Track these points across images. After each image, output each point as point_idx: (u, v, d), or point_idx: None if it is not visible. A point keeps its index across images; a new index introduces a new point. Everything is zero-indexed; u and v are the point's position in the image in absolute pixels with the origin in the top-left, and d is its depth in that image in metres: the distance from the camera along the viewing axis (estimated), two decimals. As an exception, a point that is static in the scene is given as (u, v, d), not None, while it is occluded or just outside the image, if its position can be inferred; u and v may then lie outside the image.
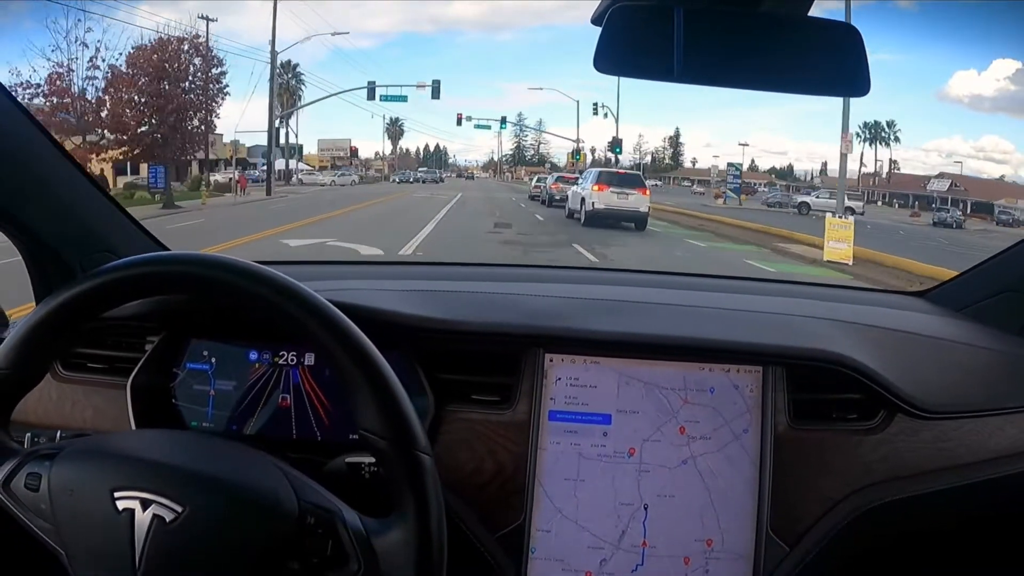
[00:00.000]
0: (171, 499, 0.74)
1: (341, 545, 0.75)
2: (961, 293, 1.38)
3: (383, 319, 1.09)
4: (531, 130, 46.97)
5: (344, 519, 0.76)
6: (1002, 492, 1.15)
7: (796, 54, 0.95)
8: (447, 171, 45.88)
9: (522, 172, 42.76)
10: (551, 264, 2.38)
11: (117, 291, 0.82)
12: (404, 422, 0.77)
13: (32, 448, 0.82)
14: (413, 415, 0.78)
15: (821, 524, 1.09)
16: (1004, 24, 20.01)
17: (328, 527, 0.76)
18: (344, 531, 0.76)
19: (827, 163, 39.25)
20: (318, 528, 0.75)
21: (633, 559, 1.08)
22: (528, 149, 44.61)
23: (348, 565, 0.75)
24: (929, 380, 1.14)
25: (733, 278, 1.61)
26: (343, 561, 0.75)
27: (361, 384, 0.78)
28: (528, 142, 44.52)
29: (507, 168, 43.92)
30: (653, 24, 0.92)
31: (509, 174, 43.34)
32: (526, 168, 43.08)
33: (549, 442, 1.09)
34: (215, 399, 1.14)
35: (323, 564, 0.75)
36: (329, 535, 0.76)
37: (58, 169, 1.12)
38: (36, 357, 0.83)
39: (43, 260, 1.15)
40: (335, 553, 0.75)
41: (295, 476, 0.79)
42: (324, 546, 0.75)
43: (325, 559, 0.75)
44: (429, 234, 11.63)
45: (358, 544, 0.76)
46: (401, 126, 42.93)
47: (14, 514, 0.79)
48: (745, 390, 1.10)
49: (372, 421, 0.77)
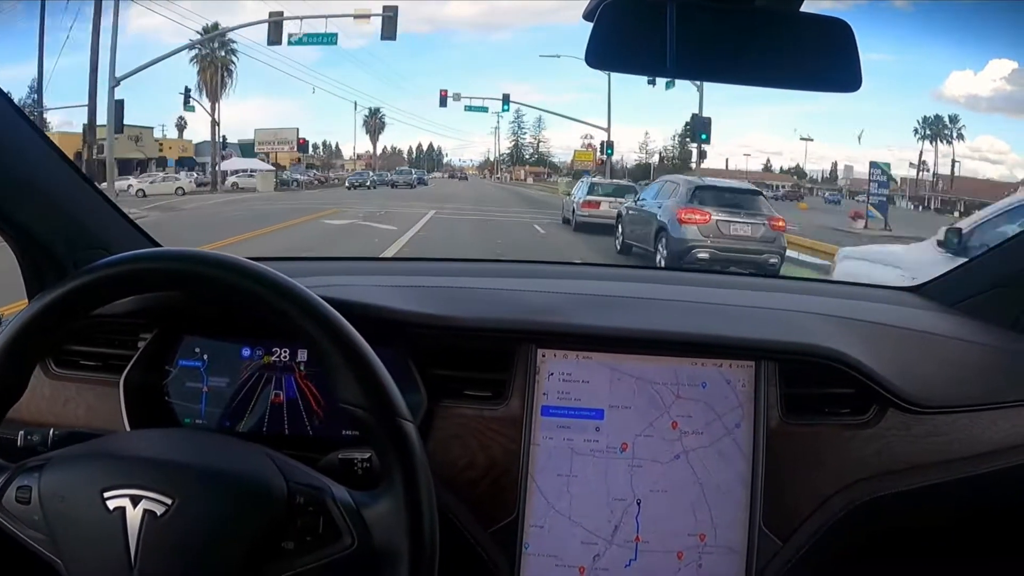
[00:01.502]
0: (160, 492, 0.74)
1: (333, 521, 0.77)
2: (954, 288, 1.38)
3: (375, 315, 1.09)
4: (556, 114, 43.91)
5: (333, 494, 0.78)
6: (995, 486, 1.16)
7: (788, 49, 0.95)
8: (441, 171, 41.11)
9: (521, 172, 38.72)
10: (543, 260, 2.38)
11: (110, 287, 0.82)
12: (383, 391, 0.78)
13: (20, 462, 0.82)
14: (392, 385, 0.79)
15: (814, 518, 1.10)
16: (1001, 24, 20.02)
17: (318, 504, 0.77)
18: (334, 506, 0.77)
19: (836, 163, 35.30)
20: (308, 506, 0.76)
21: (626, 554, 1.08)
22: (527, 148, 40.14)
23: (342, 539, 0.76)
24: (922, 375, 1.14)
25: (725, 274, 1.62)
26: (336, 536, 0.76)
27: (339, 360, 0.78)
28: (526, 140, 39.97)
29: (505, 168, 39.62)
30: (645, 19, 0.92)
31: (507, 174, 38.70)
32: (528, 168, 38.98)
33: (542, 437, 1.09)
34: (208, 396, 1.14)
35: (317, 542, 0.76)
36: (320, 512, 0.77)
37: (49, 165, 1.11)
38: (28, 354, 0.83)
39: (35, 257, 1.15)
40: (327, 530, 0.76)
41: (281, 459, 0.80)
42: (316, 523, 0.76)
43: (318, 536, 0.76)
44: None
45: (349, 518, 0.77)
46: (381, 118, 37.13)
47: (8, 529, 0.79)
48: (737, 385, 1.10)
49: (352, 393, 0.78)
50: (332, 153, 37.10)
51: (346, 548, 0.76)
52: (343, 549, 0.76)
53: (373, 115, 36.87)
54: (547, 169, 38.69)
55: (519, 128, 39.17)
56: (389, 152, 41.02)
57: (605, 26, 0.92)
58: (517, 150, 39.64)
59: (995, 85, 34.05)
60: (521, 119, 39.07)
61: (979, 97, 36.05)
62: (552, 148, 40.72)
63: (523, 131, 39.41)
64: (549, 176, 37.10)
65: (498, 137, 40.07)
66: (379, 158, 39.32)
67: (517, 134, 39.38)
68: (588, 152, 31.49)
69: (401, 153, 42.27)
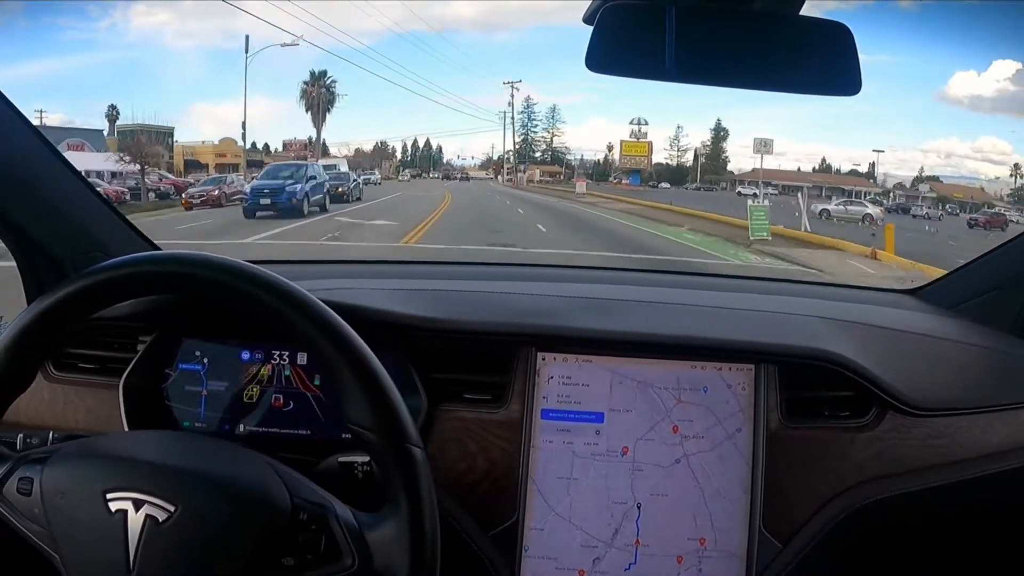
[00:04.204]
0: (163, 499, 0.74)
1: (334, 540, 0.76)
2: (952, 291, 1.38)
3: (376, 318, 1.09)
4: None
5: (337, 513, 0.77)
6: (993, 489, 1.16)
7: (788, 53, 0.95)
8: (439, 170, 32.74)
9: (536, 172, 30.21)
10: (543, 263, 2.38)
11: (110, 290, 0.82)
12: (394, 416, 0.77)
13: (23, 452, 0.81)
14: (403, 408, 0.78)
15: (814, 521, 1.10)
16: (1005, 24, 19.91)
17: (321, 522, 0.76)
18: (337, 525, 0.76)
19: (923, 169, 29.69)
20: (311, 523, 0.76)
21: (626, 558, 1.08)
22: (539, 143, 31.51)
23: (342, 559, 0.76)
24: (920, 377, 1.14)
25: (724, 276, 1.62)
26: (337, 556, 0.76)
27: (349, 379, 0.78)
28: (538, 134, 31.40)
29: (513, 167, 30.45)
30: (645, 23, 0.92)
31: (520, 174, 29.87)
32: (542, 168, 30.93)
33: (542, 441, 1.09)
34: (207, 399, 1.13)
35: (317, 560, 0.76)
36: (322, 530, 0.76)
37: (50, 168, 1.11)
38: (28, 357, 0.83)
39: (35, 260, 1.15)
40: (329, 548, 0.76)
41: (286, 472, 0.79)
42: (318, 541, 0.76)
43: (319, 554, 0.76)
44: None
45: (351, 538, 0.76)
46: (330, 86, 24.77)
47: (7, 520, 0.79)
48: (738, 388, 1.10)
49: (361, 415, 0.77)
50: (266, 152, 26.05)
51: (346, 568, 0.75)
52: (343, 569, 0.75)
53: (315, 81, 24.64)
54: (563, 169, 31.24)
55: (529, 120, 31.47)
56: (381, 148, 32.42)
57: (605, 30, 0.92)
58: (527, 146, 31.81)
59: (999, 86, 33.87)
60: (531, 110, 31.79)
61: (983, 98, 35.87)
62: (569, 139, 34.27)
63: (534, 123, 31.65)
64: (566, 177, 29.43)
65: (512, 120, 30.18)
66: (367, 155, 29.60)
67: (527, 127, 31.51)
68: (641, 144, 22.86)
69: (386, 148, 33.13)
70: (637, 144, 21.58)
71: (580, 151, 32.17)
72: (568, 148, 31.71)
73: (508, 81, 29.40)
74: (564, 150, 31.63)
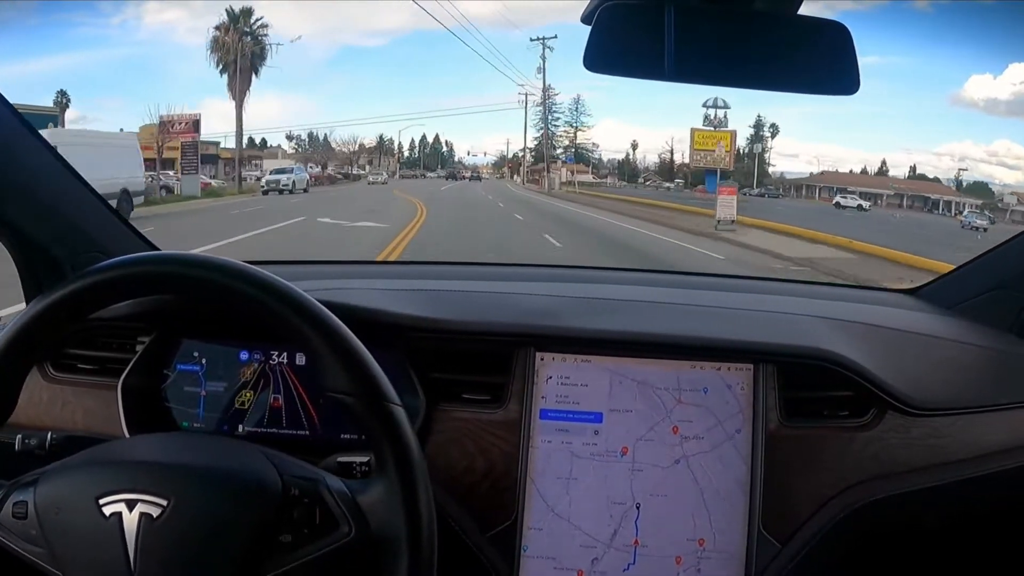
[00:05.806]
0: (154, 495, 0.74)
1: (329, 510, 0.77)
2: (952, 290, 1.38)
3: (374, 318, 1.08)
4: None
5: (328, 484, 0.78)
6: (993, 488, 1.16)
7: (786, 52, 0.95)
8: (445, 169, 29.19)
9: (563, 171, 25.20)
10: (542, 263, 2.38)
11: (108, 291, 0.82)
12: (369, 377, 0.78)
13: (14, 480, 0.81)
14: (379, 371, 0.79)
15: (813, 521, 1.10)
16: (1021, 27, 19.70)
17: (313, 495, 0.77)
18: (329, 496, 0.77)
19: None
20: (304, 498, 0.77)
21: (625, 558, 1.08)
22: (561, 139, 26.92)
23: (339, 528, 0.76)
24: (920, 377, 1.14)
25: (724, 276, 1.61)
26: (334, 526, 0.76)
27: (324, 349, 0.78)
28: (559, 129, 26.85)
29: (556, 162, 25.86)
30: (643, 22, 0.92)
31: (549, 173, 25.24)
32: (570, 167, 26.08)
33: (540, 441, 1.09)
34: (206, 400, 1.13)
35: (314, 533, 0.76)
36: (315, 503, 0.77)
37: (47, 169, 1.11)
38: (26, 356, 0.83)
39: (33, 260, 1.15)
40: (324, 520, 0.76)
41: (274, 454, 0.80)
42: (312, 514, 0.76)
43: (315, 527, 0.76)
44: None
45: (345, 506, 0.77)
46: (257, 32, 18.46)
47: (8, 547, 0.79)
48: (737, 389, 1.10)
49: (339, 381, 0.78)
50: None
51: (344, 537, 0.76)
52: (341, 538, 0.76)
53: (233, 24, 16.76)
54: (594, 170, 27.70)
55: (550, 113, 26.86)
56: (379, 146, 28.84)
57: (603, 29, 0.92)
58: (548, 142, 26.93)
59: (1015, 88, 33.64)
60: (553, 100, 26.98)
61: (998, 100, 35.64)
62: (595, 135, 29.07)
63: (555, 117, 27.07)
64: (603, 177, 26.56)
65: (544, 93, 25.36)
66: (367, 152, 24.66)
67: (547, 121, 26.71)
68: (721, 135, 15.68)
69: (385, 143, 29.18)
70: (714, 134, 15.15)
71: (610, 149, 28.82)
72: (596, 144, 28.31)
73: (538, 38, 24.47)
74: (591, 147, 27.92)
